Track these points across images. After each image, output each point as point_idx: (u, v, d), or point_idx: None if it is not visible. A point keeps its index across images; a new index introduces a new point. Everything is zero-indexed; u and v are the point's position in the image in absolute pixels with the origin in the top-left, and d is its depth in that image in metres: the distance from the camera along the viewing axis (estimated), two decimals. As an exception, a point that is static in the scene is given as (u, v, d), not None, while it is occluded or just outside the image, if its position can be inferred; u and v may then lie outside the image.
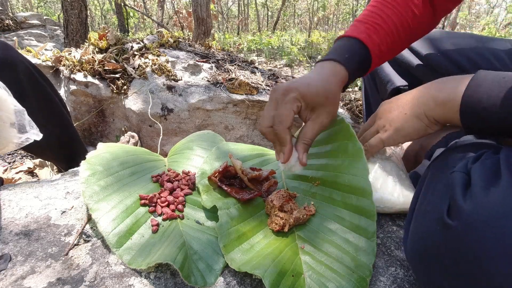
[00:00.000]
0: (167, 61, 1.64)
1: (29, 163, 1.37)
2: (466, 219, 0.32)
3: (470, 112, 0.41)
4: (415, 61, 0.71)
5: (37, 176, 1.31)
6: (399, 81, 0.74)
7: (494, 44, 0.67)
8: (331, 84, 0.49)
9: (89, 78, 1.54)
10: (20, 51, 1.79)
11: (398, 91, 0.74)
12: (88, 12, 3.41)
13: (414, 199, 0.47)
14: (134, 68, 1.59)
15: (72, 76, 1.56)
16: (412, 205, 0.46)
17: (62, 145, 1.01)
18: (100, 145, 0.62)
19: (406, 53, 0.73)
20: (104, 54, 1.63)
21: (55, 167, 1.28)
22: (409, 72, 0.74)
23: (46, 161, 1.32)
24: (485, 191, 0.33)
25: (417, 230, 0.40)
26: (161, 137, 1.48)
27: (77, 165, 1.04)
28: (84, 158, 0.56)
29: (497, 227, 0.30)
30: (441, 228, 0.35)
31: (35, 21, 4.49)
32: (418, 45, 0.71)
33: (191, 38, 3.39)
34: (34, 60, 1.72)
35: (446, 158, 0.45)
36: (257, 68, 1.85)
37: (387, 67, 0.77)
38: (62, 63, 1.68)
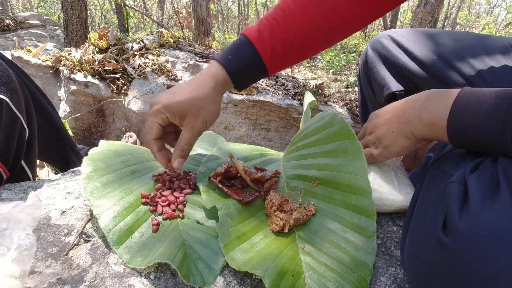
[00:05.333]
0: (167, 61, 1.64)
1: (29, 163, 1.37)
2: (461, 238, 0.31)
3: (458, 136, 0.41)
4: (410, 64, 0.70)
5: (37, 176, 1.31)
6: (394, 86, 0.73)
7: (490, 42, 0.66)
8: (201, 89, 0.51)
9: (89, 78, 1.54)
10: (20, 51, 1.80)
11: (394, 96, 0.73)
12: (88, 12, 3.41)
13: (412, 202, 0.46)
14: (134, 68, 1.59)
15: (72, 76, 1.56)
16: (410, 209, 0.45)
17: (48, 139, 0.98)
18: (102, 142, 0.62)
19: (400, 56, 0.72)
20: (104, 54, 1.63)
21: (51, 168, 1.27)
22: (405, 76, 0.73)
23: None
24: (481, 207, 0.31)
25: (414, 240, 0.39)
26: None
27: (68, 163, 1.03)
28: (76, 155, 0.56)
29: (492, 249, 0.29)
30: (436, 244, 0.34)
31: (35, 21, 4.49)
32: (413, 47, 0.70)
33: (191, 38, 3.38)
34: (34, 60, 1.72)
35: (444, 163, 0.44)
36: (257, 68, 1.84)
37: (382, 70, 0.76)
38: (62, 63, 1.68)
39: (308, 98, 0.80)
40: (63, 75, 1.66)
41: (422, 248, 0.37)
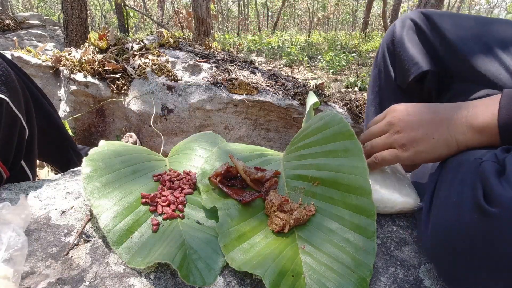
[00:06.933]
0: (167, 61, 1.64)
1: (29, 163, 1.37)
2: (508, 205, 0.31)
3: (511, 134, 0.40)
4: (442, 45, 0.62)
5: (37, 176, 1.31)
6: (427, 64, 0.64)
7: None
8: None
9: (89, 78, 1.54)
10: (20, 51, 1.79)
11: (421, 78, 0.65)
12: (88, 12, 3.41)
13: (428, 194, 0.46)
14: (134, 68, 1.59)
15: (72, 76, 1.56)
16: (427, 201, 0.45)
17: (48, 139, 0.98)
18: (102, 142, 0.62)
19: (432, 36, 0.64)
20: (104, 54, 1.63)
21: (51, 168, 1.27)
22: (436, 57, 0.64)
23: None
24: None
25: (442, 221, 0.39)
26: (162, 145, 1.48)
27: (68, 163, 1.03)
28: (77, 156, 0.56)
29: None
30: (478, 216, 0.34)
31: (35, 21, 4.49)
32: (447, 27, 0.62)
33: (191, 38, 3.39)
34: (34, 61, 1.72)
35: (465, 153, 0.44)
36: (257, 68, 1.85)
37: (412, 49, 0.66)
38: (62, 63, 1.68)
39: (312, 99, 0.79)
40: (63, 75, 1.66)
41: (456, 223, 0.36)
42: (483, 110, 0.42)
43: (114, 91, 1.51)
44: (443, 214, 0.39)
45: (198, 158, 0.65)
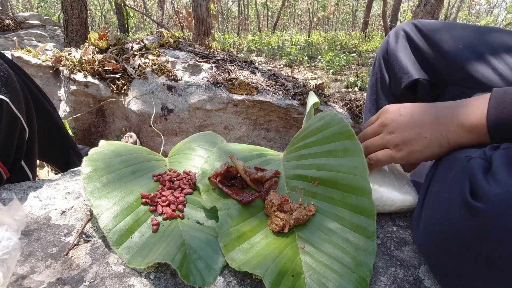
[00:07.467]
0: (167, 61, 1.64)
1: (29, 163, 1.36)
2: (493, 201, 0.32)
3: (499, 132, 0.41)
4: (433, 53, 0.65)
5: (37, 176, 1.30)
6: (416, 73, 0.67)
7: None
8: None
9: (89, 78, 1.54)
10: (20, 51, 1.79)
11: (412, 86, 0.68)
12: (88, 12, 3.41)
13: (422, 191, 0.46)
14: (134, 68, 1.59)
15: (72, 76, 1.56)
16: (421, 198, 0.46)
17: (48, 140, 0.98)
18: (102, 142, 0.62)
19: (423, 45, 0.67)
20: (104, 54, 1.63)
21: (51, 168, 1.27)
22: (428, 66, 0.67)
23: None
24: (510, 174, 0.33)
25: (433, 217, 0.40)
26: (162, 145, 1.48)
27: (68, 163, 1.03)
28: (77, 156, 0.56)
29: None
30: (465, 211, 0.34)
31: (35, 21, 4.49)
32: (437, 36, 0.65)
33: (191, 38, 3.39)
34: (34, 60, 1.72)
35: (458, 152, 0.44)
36: (257, 68, 1.85)
37: (404, 58, 0.69)
38: (62, 63, 1.68)
39: (312, 99, 0.79)
40: (63, 75, 1.66)
41: (446, 219, 0.37)
42: (473, 110, 0.43)
43: (114, 91, 1.51)
44: (435, 210, 0.40)
45: (198, 158, 0.65)
